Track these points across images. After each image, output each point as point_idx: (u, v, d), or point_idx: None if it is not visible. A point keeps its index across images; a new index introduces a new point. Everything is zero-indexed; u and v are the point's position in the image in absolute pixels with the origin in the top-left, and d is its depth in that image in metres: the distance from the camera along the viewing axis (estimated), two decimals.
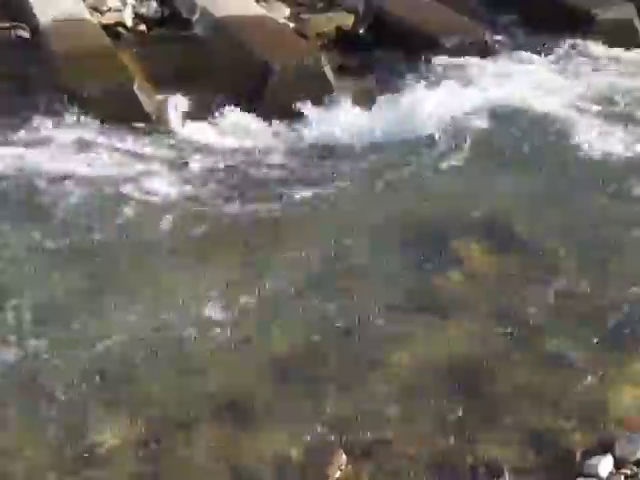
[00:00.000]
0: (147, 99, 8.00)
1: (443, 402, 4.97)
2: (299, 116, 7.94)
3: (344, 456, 4.53)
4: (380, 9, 9.69)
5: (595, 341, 5.45)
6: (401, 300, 5.79)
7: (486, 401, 5.00)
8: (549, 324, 5.59)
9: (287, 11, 10.13)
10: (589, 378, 5.16)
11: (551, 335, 5.49)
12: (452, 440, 4.72)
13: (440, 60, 8.89)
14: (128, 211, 6.57)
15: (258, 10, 9.63)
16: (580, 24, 9.64)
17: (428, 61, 8.89)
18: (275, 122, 7.89)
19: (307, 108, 7.95)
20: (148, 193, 6.82)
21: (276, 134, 7.80)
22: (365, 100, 8.14)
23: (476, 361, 5.28)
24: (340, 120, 7.80)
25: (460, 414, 4.88)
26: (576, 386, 5.11)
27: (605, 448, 4.67)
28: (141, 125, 7.78)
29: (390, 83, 8.42)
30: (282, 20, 9.79)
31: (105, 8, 9.58)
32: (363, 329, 5.51)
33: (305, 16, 9.90)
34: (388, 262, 6.17)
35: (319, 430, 4.72)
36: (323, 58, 8.38)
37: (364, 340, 5.44)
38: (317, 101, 8.01)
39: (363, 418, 4.82)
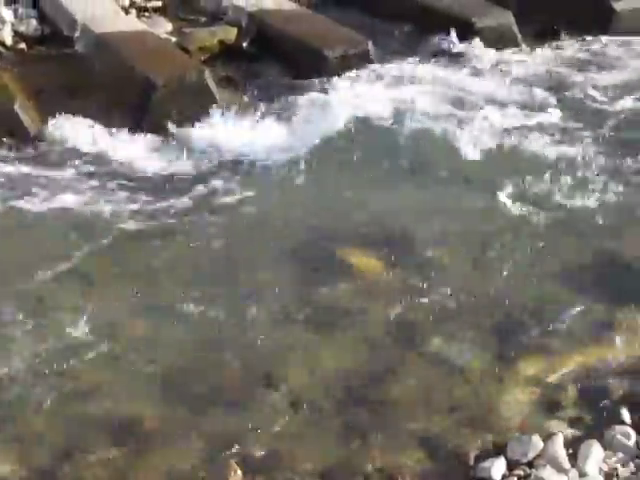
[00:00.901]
0: (29, 118, 7.82)
1: (336, 412, 4.97)
2: (183, 130, 7.86)
3: (239, 472, 4.49)
4: (263, 22, 9.68)
5: (485, 344, 5.53)
6: (291, 313, 5.76)
7: (379, 409, 5.02)
8: (439, 329, 5.64)
9: (169, 26, 10.03)
10: (481, 381, 5.24)
11: (442, 340, 5.55)
12: (347, 450, 4.73)
13: (325, 71, 8.90)
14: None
15: (139, 26, 9.51)
16: (462, 32, 9.78)
17: (312, 73, 8.90)
18: (159, 137, 7.80)
19: (191, 122, 7.88)
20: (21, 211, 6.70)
21: (159, 149, 7.70)
22: (249, 114, 8.10)
23: (368, 370, 5.29)
24: (224, 134, 7.75)
25: (353, 423, 4.90)
26: (468, 390, 5.18)
27: (498, 450, 4.73)
28: (22, 144, 7.61)
29: (274, 96, 8.41)
30: (164, 35, 9.69)
31: None
32: (253, 343, 5.47)
33: (187, 30, 9.82)
34: (277, 275, 6.14)
35: (212, 446, 4.68)
36: (207, 72, 8.31)
37: (254, 354, 5.40)
38: (201, 115, 7.95)
39: (256, 432, 4.78)
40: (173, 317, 5.67)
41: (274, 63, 9.30)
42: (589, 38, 10.40)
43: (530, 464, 4.61)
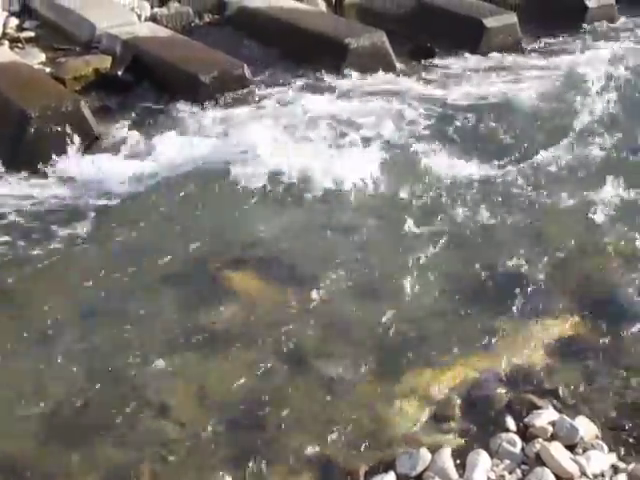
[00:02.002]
0: None
1: (226, 438, 4.96)
2: (59, 161, 7.75)
3: None
4: (138, 49, 9.62)
5: (371, 361, 5.57)
6: (176, 339, 5.73)
7: (269, 432, 5.02)
8: (325, 348, 5.67)
9: (43, 56, 9.92)
10: (368, 398, 5.28)
11: (327, 359, 5.57)
12: (238, 475, 4.72)
13: (202, 96, 8.89)
14: None
15: (11, 56, 9.37)
16: (336, 53, 9.87)
17: (188, 98, 8.88)
18: (34, 168, 7.68)
19: (68, 153, 7.78)
20: None
21: (33, 182, 7.56)
22: (125, 143, 8.03)
23: (256, 393, 5.28)
24: (100, 164, 7.66)
25: (244, 448, 4.89)
26: (356, 407, 5.21)
27: (387, 466, 4.77)
28: None
29: (150, 124, 8.33)
30: (38, 65, 9.57)
31: None
32: (139, 372, 5.41)
33: (62, 60, 9.71)
34: (160, 302, 6.10)
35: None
36: (82, 102, 8.22)
37: (141, 383, 5.34)
38: (78, 145, 7.85)
39: (146, 462, 4.73)
40: (56, 351, 5.57)
41: (150, 90, 9.26)
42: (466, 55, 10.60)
43: (419, 477, 4.66)
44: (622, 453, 4.95)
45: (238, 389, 5.32)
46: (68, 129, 7.91)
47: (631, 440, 5.05)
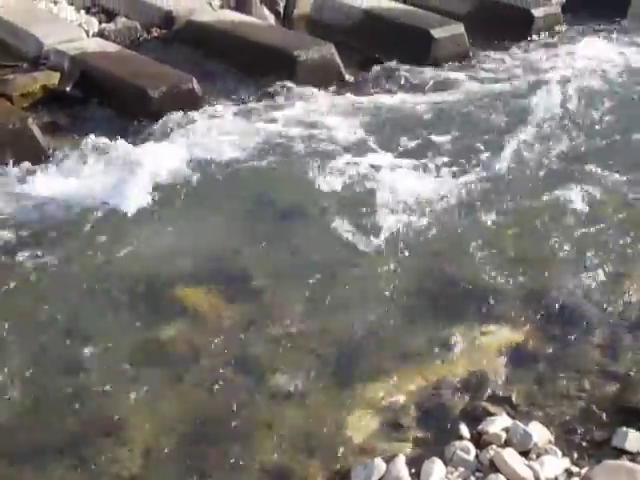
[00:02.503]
0: None
1: (182, 456, 4.94)
2: (6, 179, 7.68)
3: None
4: (86, 65, 9.56)
5: (326, 372, 5.59)
6: (129, 358, 5.68)
7: (225, 447, 5.00)
8: (279, 361, 5.67)
9: None
10: (323, 409, 5.30)
11: (282, 372, 5.57)
12: None
13: (151, 111, 8.86)
14: None
15: None
16: (285, 66, 9.89)
17: (138, 113, 8.84)
18: None
19: (17, 171, 7.72)
20: None
21: None
22: (75, 160, 7.95)
23: (210, 409, 5.28)
24: (50, 183, 7.58)
25: (200, 465, 4.88)
26: (312, 418, 5.22)
27: (343, 477, 4.79)
28: None
29: (99, 141, 8.20)
30: None
31: None
32: (91, 393, 5.37)
33: (9, 77, 9.60)
34: (114, 322, 6.05)
35: None
36: (30, 119, 8.16)
37: (93, 404, 5.31)
38: (28, 163, 7.79)
39: None
40: (8, 374, 5.51)
41: (99, 105, 9.20)
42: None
43: None
44: (575, 457, 5.00)
45: (190, 405, 5.31)
46: (16, 146, 7.84)
47: (584, 444, 5.11)
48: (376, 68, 10.50)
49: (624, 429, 5.11)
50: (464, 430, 5.11)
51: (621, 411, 5.36)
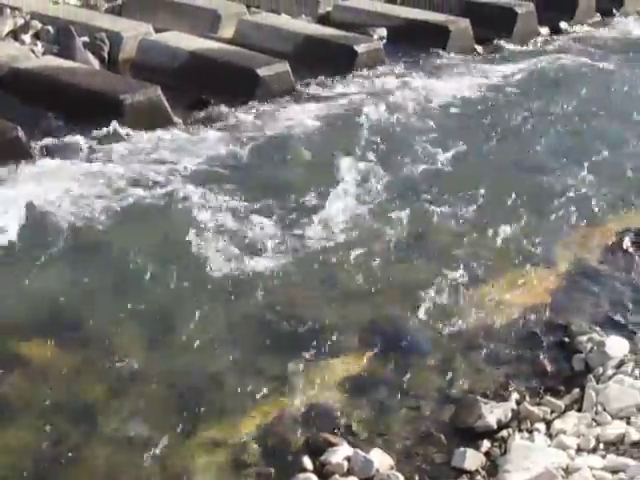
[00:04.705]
0: None
1: None
2: None
3: None
4: None
5: (169, 416, 5.56)
6: None
7: None
8: (117, 408, 5.60)
9: None
10: (167, 453, 5.26)
11: (123, 417, 5.52)
12: None
13: None
14: None
15: None
16: (112, 110, 9.80)
17: None
18: None
19: None
20: None
21: None
22: None
23: (46, 458, 5.16)
24: None
25: None
26: (156, 463, 5.20)
27: None
28: None
29: None
30: None
31: None
32: None
33: None
34: None
35: None
36: None
37: None
38: None
39: None
40: None
41: None
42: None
43: None
44: None
45: (28, 455, 5.18)
46: None
47: (425, 466, 5.23)
48: (205, 109, 10.56)
49: (462, 449, 5.26)
50: (307, 462, 5.16)
51: (458, 432, 5.51)
